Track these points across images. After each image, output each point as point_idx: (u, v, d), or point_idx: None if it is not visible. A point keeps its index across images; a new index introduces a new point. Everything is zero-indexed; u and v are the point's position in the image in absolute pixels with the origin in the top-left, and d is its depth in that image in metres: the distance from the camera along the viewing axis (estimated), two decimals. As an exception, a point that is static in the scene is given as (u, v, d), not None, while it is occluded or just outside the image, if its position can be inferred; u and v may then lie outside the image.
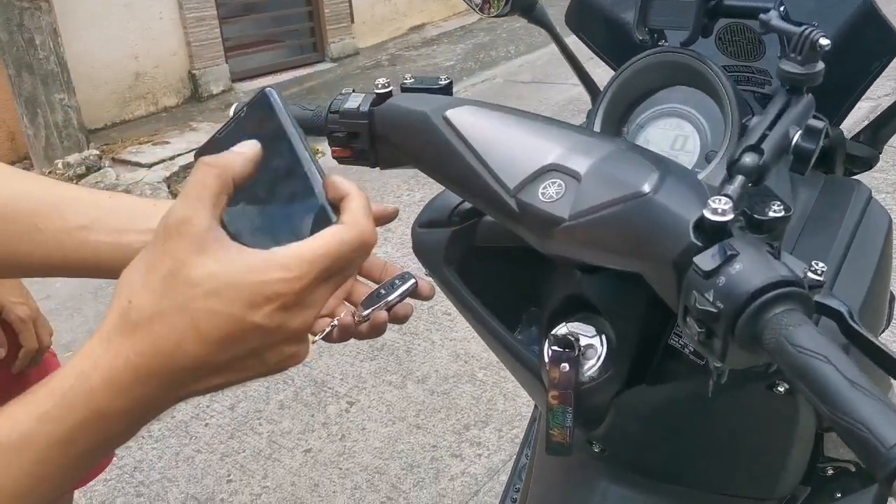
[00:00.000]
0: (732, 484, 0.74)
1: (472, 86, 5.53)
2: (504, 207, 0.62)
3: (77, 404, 0.40)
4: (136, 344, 0.40)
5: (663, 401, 0.68)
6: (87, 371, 0.40)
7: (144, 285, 0.41)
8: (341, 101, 0.73)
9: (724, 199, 0.48)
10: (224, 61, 5.45)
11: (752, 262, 0.46)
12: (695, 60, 0.68)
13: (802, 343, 0.42)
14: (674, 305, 0.52)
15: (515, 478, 1.09)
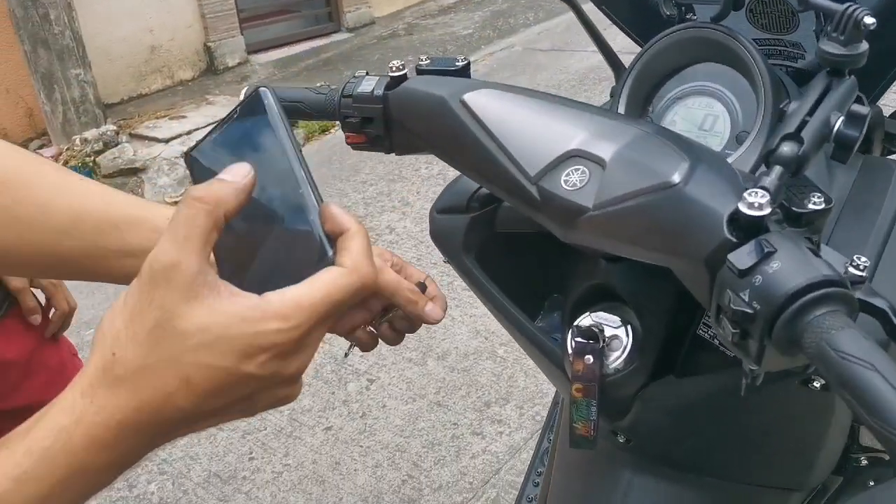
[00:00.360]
0: (762, 475, 0.72)
1: (490, 54, 5.45)
2: (524, 195, 0.59)
3: (58, 462, 0.38)
4: (122, 400, 0.38)
5: (692, 393, 0.66)
6: (69, 427, 0.38)
7: (130, 337, 0.39)
8: (354, 84, 0.70)
9: (761, 192, 0.45)
10: (239, 33, 5.41)
11: (791, 260, 0.43)
12: (726, 37, 0.64)
13: (846, 349, 0.39)
14: (706, 303, 0.49)
15: (538, 462, 1.08)
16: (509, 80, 4.82)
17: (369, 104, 0.68)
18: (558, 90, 4.43)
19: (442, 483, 1.96)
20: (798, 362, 0.45)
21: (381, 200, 3.45)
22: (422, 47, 5.65)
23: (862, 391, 0.37)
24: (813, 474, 0.71)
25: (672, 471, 0.72)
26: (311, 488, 2.00)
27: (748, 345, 0.44)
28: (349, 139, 0.72)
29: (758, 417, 0.65)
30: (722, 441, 0.70)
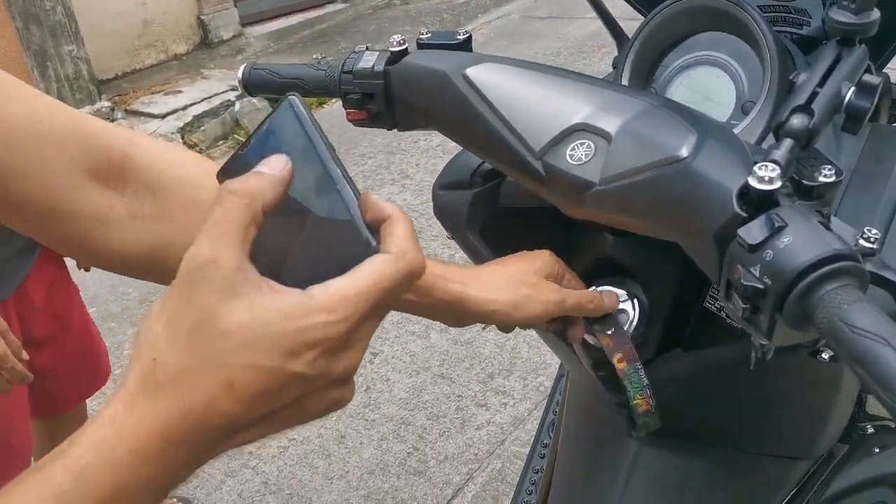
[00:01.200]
0: (769, 444, 0.72)
1: (488, 23, 5.39)
2: (529, 170, 0.59)
3: (99, 479, 0.36)
4: (163, 408, 0.36)
5: (699, 366, 0.66)
6: (110, 440, 0.36)
7: (169, 340, 0.37)
8: (354, 59, 0.69)
9: (771, 166, 0.44)
10: (233, 5, 5.34)
11: (801, 235, 0.42)
12: (731, 4, 0.63)
13: (858, 323, 0.39)
14: (715, 278, 0.49)
15: (544, 434, 1.08)
16: (507, 48, 4.78)
17: (370, 80, 0.67)
18: (556, 58, 4.38)
19: (447, 455, 1.98)
20: (808, 336, 0.45)
21: (381, 173, 3.43)
22: (418, 17, 5.59)
23: (875, 366, 0.37)
24: (819, 443, 0.71)
25: (679, 442, 0.72)
26: (317, 462, 2.02)
27: (759, 320, 0.44)
28: (350, 116, 0.71)
29: (765, 389, 0.65)
30: (729, 412, 0.70)
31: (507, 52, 4.72)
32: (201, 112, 4.09)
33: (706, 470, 0.73)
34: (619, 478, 0.73)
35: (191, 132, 4.01)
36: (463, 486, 1.89)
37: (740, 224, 0.45)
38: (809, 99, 0.49)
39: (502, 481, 1.88)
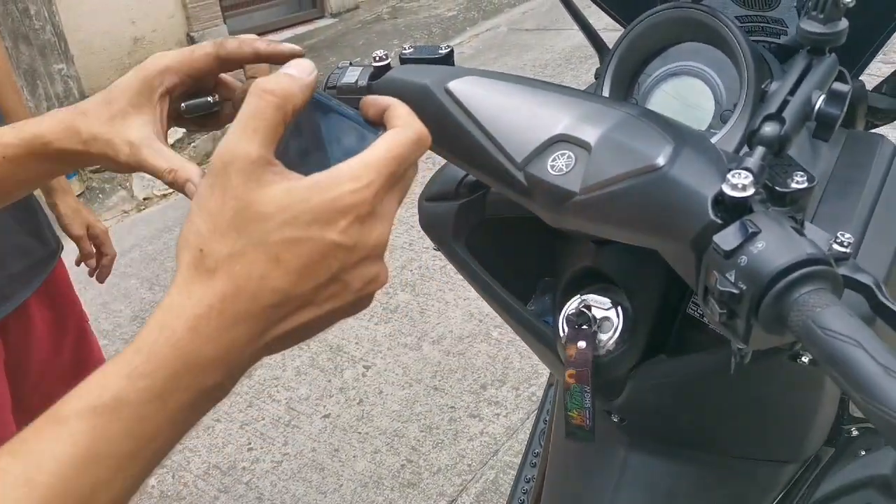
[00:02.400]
0: (755, 449, 0.73)
1: (476, 36, 5.42)
2: (512, 181, 0.59)
3: (165, 356, 0.38)
4: (218, 288, 0.38)
5: (683, 371, 0.66)
6: (171, 323, 0.38)
7: (213, 230, 0.39)
8: (338, 75, 0.70)
9: (744, 173, 0.45)
10: (222, 21, 5.36)
11: (775, 240, 0.43)
12: (708, 16, 0.64)
13: (831, 326, 0.40)
14: (693, 284, 0.49)
15: (535, 443, 1.08)
16: (495, 60, 4.80)
17: (354, 95, 0.68)
18: (544, 69, 4.41)
19: (441, 466, 1.98)
20: (785, 340, 0.46)
21: (371, 186, 3.45)
22: (407, 31, 5.62)
23: (848, 367, 0.38)
24: (805, 446, 0.72)
25: (667, 447, 0.73)
26: (310, 476, 2.01)
27: (735, 324, 0.45)
28: None
29: (749, 393, 0.66)
30: (714, 417, 0.71)
31: (495, 64, 4.74)
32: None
33: (695, 475, 0.73)
34: (609, 485, 0.74)
35: (182, 148, 4.02)
36: (457, 498, 1.89)
37: (715, 231, 0.45)
38: (780, 107, 0.50)
39: (496, 492, 1.88)
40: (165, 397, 0.38)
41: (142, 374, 0.38)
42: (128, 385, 0.38)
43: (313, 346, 2.48)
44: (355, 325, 2.55)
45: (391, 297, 2.65)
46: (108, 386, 0.38)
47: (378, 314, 2.58)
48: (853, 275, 0.46)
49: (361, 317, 2.58)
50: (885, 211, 0.61)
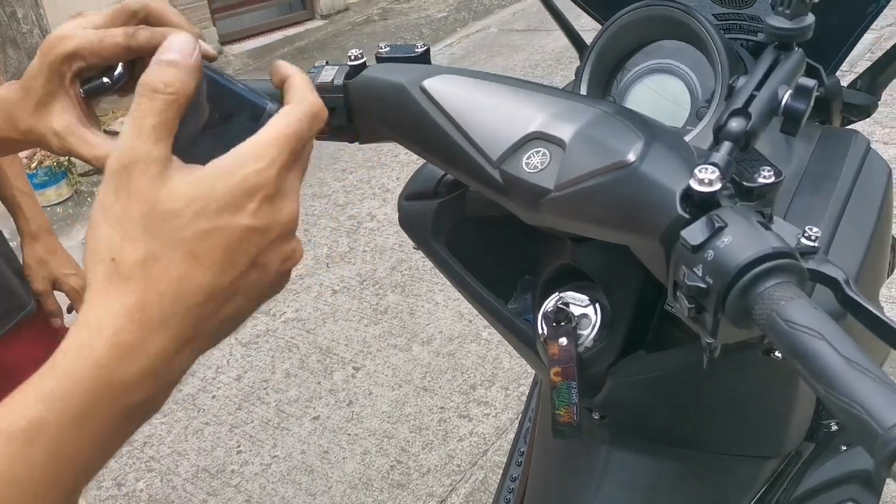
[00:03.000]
0: (735, 444, 0.73)
1: (466, 36, 5.43)
2: (488, 179, 0.59)
3: (84, 377, 0.36)
4: (137, 296, 0.37)
5: (662, 367, 0.66)
6: (89, 341, 0.36)
7: (123, 237, 0.37)
8: (314, 74, 0.69)
9: (711, 168, 0.45)
10: (212, 24, 5.36)
11: (740, 234, 0.44)
12: (683, 14, 0.64)
13: (795, 318, 0.40)
14: (664, 280, 0.50)
15: (520, 442, 1.09)
16: (486, 61, 4.81)
17: (330, 94, 0.68)
18: (535, 70, 4.42)
19: (430, 467, 1.98)
20: (753, 334, 0.46)
21: (362, 188, 3.44)
22: (397, 32, 5.62)
23: (810, 359, 0.38)
24: (785, 441, 0.72)
25: (648, 444, 0.73)
26: (300, 478, 2.01)
27: (704, 318, 0.45)
28: None
29: (726, 388, 0.66)
30: (694, 412, 0.71)
31: (486, 64, 4.75)
32: (181, 130, 4.09)
33: (676, 471, 0.73)
34: (592, 482, 0.74)
35: (170, 151, 4.01)
36: (446, 498, 1.89)
37: (683, 226, 0.46)
38: (747, 102, 0.50)
39: (485, 492, 1.88)
40: (86, 419, 0.36)
41: (59, 397, 0.36)
42: (43, 409, 0.35)
43: (303, 347, 2.48)
44: (345, 326, 2.55)
45: (381, 299, 2.65)
46: (23, 412, 0.36)
47: (368, 316, 2.58)
48: (820, 268, 0.46)
49: (351, 318, 2.58)
50: (858, 206, 0.61)
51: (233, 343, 2.56)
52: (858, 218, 0.60)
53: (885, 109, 3.13)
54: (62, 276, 1.27)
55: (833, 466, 0.81)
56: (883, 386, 0.37)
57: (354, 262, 2.90)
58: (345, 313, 2.62)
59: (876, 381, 0.37)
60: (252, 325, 2.64)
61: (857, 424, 0.37)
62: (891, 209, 0.65)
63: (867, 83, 0.76)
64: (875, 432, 0.36)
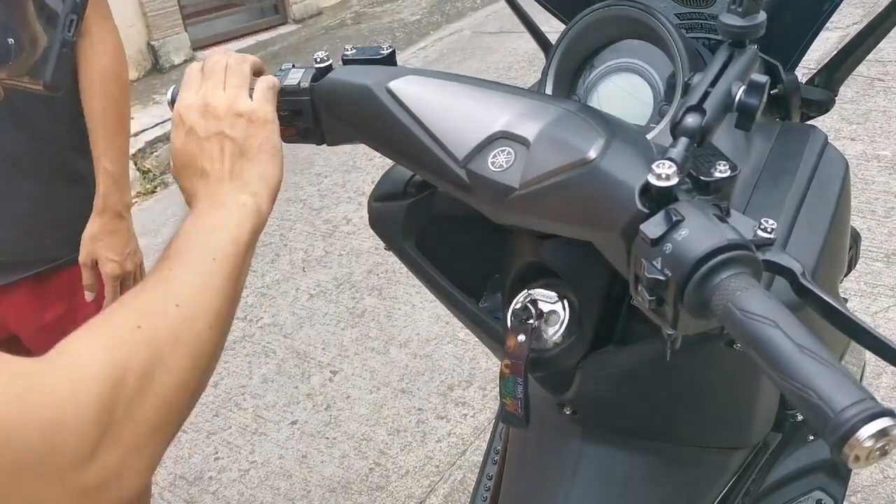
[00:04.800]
0: (704, 436, 0.74)
1: (440, 39, 5.44)
2: (455, 179, 0.60)
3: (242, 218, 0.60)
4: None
5: (629, 361, 0.68)
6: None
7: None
8: (281, 77, 0.70)
9: (668, 164, 0.47)
10: (183, 29, 5.31)
11: (697, 227, 0.45)
12: (643, 14, 0.65)
13: (750, 308, 0.41)
14: (625, 273, 0.51)
15: (496, 440, 1.09)
16: (459, 63, 4.82)
17: (296, 97, 0.68)
18: (508, 72, 4.44)
19: (409, 469, 1.98)
20: (712, 325, 0.47)
21: (337, 192, 3.44)
22: (370, 36, 5.62)
23: (765, 347, 0.39)
24: (752, 432, 0.74)
25: (620, 438, 0.74)
26: (278, 483, 2.00)
27: (664, 310, 0.46)
28: (280, 133, 0.72)
29: (691, 380, 0.68)
30: (661, 405, 0.72)
31: (459, 66, 4.76)
32: (154, 138, 4.05)
33: (648, 464, 0.74)
34: (565, 477, 0.75)
35: (143, 158, 3.97)
36: (425, 499, 1.89)
37: (642, 220, 0.47)
38: (702, 98, 0.51)
39: (464, 492, 1.89)
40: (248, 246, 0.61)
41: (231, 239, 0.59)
42: (221, 239, 0.59)
43: (279, 352, 2.47)
44: (322, 330, 2.54)
45: (358, 302, 2.65)
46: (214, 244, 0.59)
47: (345, 319, 2.57)
48: (776, 259, 0.47)
49: (328, 322, 2.57)
50: (816, 199, 0.63)
51: (209, 349, 2.54)
52: (816, 211, 0.62)
53: (852, 106, 3.19)
54: (103, 259, 1.32)
55: (800, 456, 0.82)
56: (834, 371, 0.38)
57: (331, 266, 2.90)
58: (321, 317, 2.61)
59: (827, 366, 0.38)
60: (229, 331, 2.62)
61: (811, 409, 0.38)
62: (848, 202, 0.66)
63: (824, 80, 0.78)
64: (826, 416, 0.37)
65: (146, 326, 0.50)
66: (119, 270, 1.34)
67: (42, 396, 0.42)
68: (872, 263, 2.35)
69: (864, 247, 2.41)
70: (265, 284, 2.85)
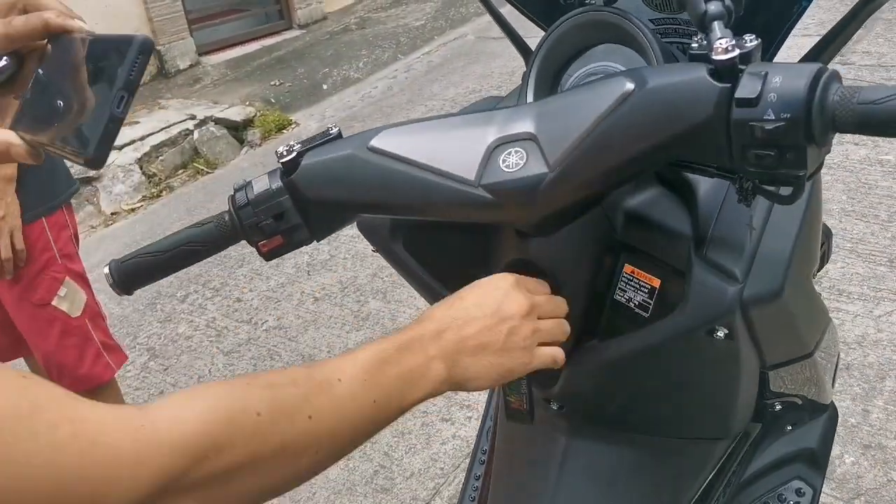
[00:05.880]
0: (687, 427, 0.75)
1: (444, 44, 5.47)
2: (476, 201, 0.60)
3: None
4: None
5: (613, 355, 0.69)
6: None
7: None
8: (244, 194, 0.67)
9: (724, 40, 0.50)
10: (189, 35, 5.36)
11: (783, 70, 0.49)
12: (620, 19, 0.67)
13: (878, 96, 0.45)
14: (726, 156, 0.53)
15: (483, 440, 1.11)
16: (463, 68, 4.84)
17: (274, 199, 0.66)
18: (512, 77, 4.45)
19: (414, 471, 1.99)
20: (827, 153, 0.51)
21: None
22: (375, 41, 5.65)
23: None
24: (732, 423, 0.75)
25: (605, 432, 0.75)
26: (283, 485, 2.01)
27: (787, 158, 0.49)
28: (265, 248, 0.68)
29: (672, 372, 0.69)
30: (645, 397, 0.73)
31: (463, 71, 4.78)
32: (159, 142, 4.10)
33: (633, 456, 0.76)
34: (552, 472, 0.76)
35: (149, 162, 4.01)
36: (430, 501, 1.90)
37: (728, 94, 0.50)
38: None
39: (467, 493, 1.90)
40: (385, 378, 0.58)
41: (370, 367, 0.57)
42: (366, 365, 0.56)
43: (285, 356, 2.49)
44: (327, 333, 2.56)
45: (363, 306, 2.66)
46: (354, 370, 0.56)
47: (350, 322, 2.59)
48: None
49: (333, 325, 2.59)
50: None
51: (215, 352, 2.57)
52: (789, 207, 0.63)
53: (855, 106, 3.19)
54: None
55: (780, 446, 0.84)
56: None
57: (335, 270, 2.92)
58: (326, 320, 2.63)
59: None
60: (234, 334, 2.65)
61: None
62: (819, 199, 0.68)
63: None
64: None
65: (266, 420, 0.47)
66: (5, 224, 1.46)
67: (105, 454, 0.41)
68: (876, 267, 2.35)
69: (867, 251, 2.41)
70: (270, 288, 2.88)
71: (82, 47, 0.58)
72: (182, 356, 2.60)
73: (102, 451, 0.41)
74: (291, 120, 4.55)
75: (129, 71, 0.56)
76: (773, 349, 0.67)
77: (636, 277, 0.69)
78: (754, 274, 0.60)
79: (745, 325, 0.61)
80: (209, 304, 2.88)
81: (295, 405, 0.50)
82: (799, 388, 0.78)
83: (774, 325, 0.64)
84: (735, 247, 0.61)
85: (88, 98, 0.56)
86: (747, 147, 0.50)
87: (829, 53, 0.69)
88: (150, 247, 0.70)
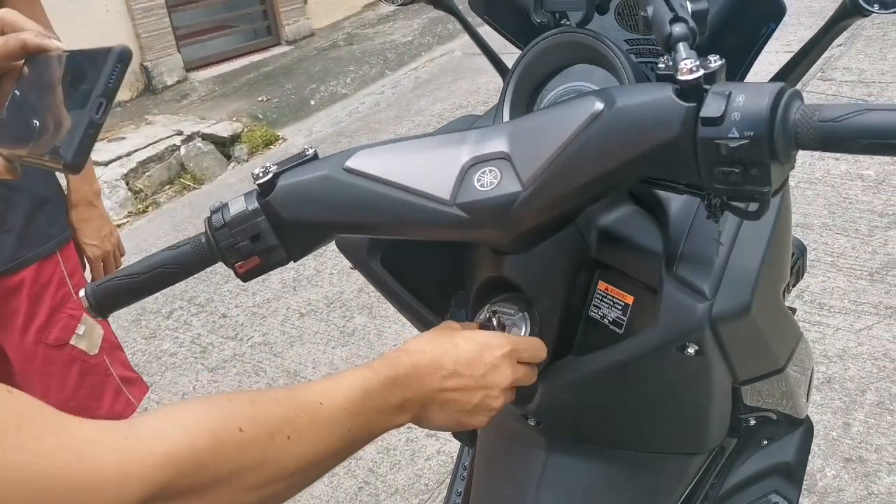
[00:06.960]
0: (663, 442, 0.76)
1: (431, 60, 5.50)
2: (451, 219, 0.61)
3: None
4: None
5: (589, 370, 0.70)
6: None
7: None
8: (220, 215, 0.67)
9: (689, 60, 0.52)
10: (176, 51, 5.36)
11: (746, 89, 0.50)
12: (593, 40, 0.68)
13: (836, 114, 0.47)
14: (691, 174, 0.54)
15: (464, 456, 1.11)
16: (450, 84, 4.87)
17: (250, 221, 0.66)
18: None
19: (398, 487, 1.99)
20: (788, 171, 0.53)
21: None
22: (363, 57, 5.67)
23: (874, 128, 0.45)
24: (707, 437, 0.76)
25: (583, 447, 0.76)
26: None
27: (752, 174, 0.50)
28: (243, 269, 0.67)
29: (647, 387, 0.70)
30: (620, 413, 0.74)
31: (450, 87, 4.81)
32: (146, 157, 4.09)
33: (610, 471, 0.76)
34: (531, 487, 0.77)
35: (136, 178, 4.00)
36: (414, 517, 1.90)
37: (694, 113, 0.51)
38: (672, 19, 0.57)
39: (451, 509, 1.90)
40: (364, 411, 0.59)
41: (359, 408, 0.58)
42: (349, 402, 0.58)
43: (270, 371, 2.48)
44: (313, 349, 2.56)
45: (348, 321, 2.66)
46: (340, 401, 0.57)
47: (335, 337, 2.59)
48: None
49: (318, 341, 2.59)
50: None
51: (199, 369, 2.56)
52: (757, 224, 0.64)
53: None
54: (83, 245, 1.47)
55: (756, 461, 0.85)
56: None
57: (321, 285, 2.92)
58: (312, 336, 2.63)
59: None
60: (219, 350, 2.64)
61: None
62: (788, 211, 0.69)
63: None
64: None
65: (248, 436, 0.48)
66: (100, 252, 1.48)
67: (90, 466, 0.42)
68: (857, 281, 2.37)
69: (847, 265, 2.44)
70: (256, 303, 2.87)
71: (59, 65, 0.59)
72: (166, 373, 2.58)
73: (88, 463, 0.41)
74: (279, 135, 4.55)
75: (108, 79, 0.57)
76: (744, 364, 0.68)
77: (610, 294, 0.70)
78: (723, 290, 0.61)
79: (715, 341, 0.62)
80: (194, 319, 2.87)
81: (276, 424, 0.51)
82: (773, 403, 0.79)
83: (744, 340, 0.65)
84: (704, 263, 0.63)
85: (64, 117, 0.57)
86: (713, 164, 0.51)
87: (797, 74, 0.71)
88: (126, 269, 0.70)
